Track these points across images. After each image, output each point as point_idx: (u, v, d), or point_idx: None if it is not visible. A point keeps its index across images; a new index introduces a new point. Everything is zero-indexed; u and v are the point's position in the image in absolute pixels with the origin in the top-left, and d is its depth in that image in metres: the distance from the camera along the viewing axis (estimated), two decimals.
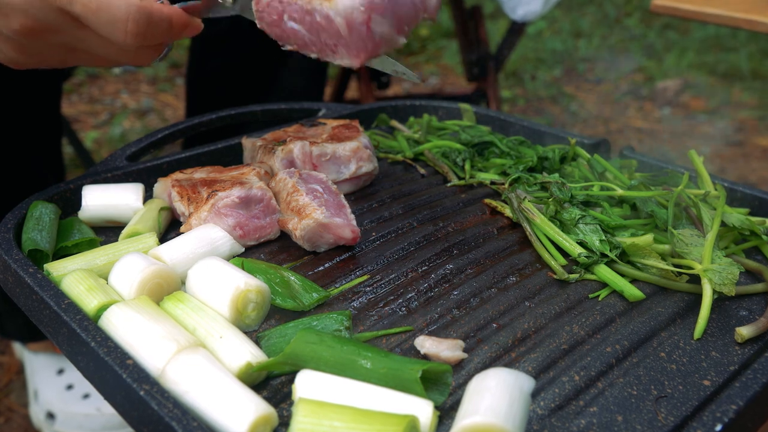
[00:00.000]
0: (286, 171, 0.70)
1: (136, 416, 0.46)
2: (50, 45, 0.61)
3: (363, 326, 0.56)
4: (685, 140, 2.25)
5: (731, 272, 0.58)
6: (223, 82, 1.26)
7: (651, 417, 0.47)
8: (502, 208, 0.74)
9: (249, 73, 1.24)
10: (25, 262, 0.59)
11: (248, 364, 0.49)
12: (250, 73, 1.24)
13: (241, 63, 1.23)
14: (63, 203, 0.72)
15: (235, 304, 0.54)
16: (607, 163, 0.79)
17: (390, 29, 0.58)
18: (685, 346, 0.55)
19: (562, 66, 2.96)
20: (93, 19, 0.57)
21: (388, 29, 0.58)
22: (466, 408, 0.44)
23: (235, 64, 1.23)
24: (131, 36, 0.58)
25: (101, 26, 0.57)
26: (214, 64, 1.26)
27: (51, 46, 0.62)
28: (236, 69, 1.23)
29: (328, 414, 0.42)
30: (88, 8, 0.56)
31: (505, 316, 0.58)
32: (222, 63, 1.24)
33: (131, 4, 0.57)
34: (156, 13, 0.59)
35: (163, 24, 0.59)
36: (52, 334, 0.54)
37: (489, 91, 1.89)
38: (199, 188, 0.68)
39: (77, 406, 1.15)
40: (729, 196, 0.74)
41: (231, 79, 1.24)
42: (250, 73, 1.24)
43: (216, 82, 1.26)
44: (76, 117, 2.32)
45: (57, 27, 0.59)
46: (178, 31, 0.62)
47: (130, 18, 0.57)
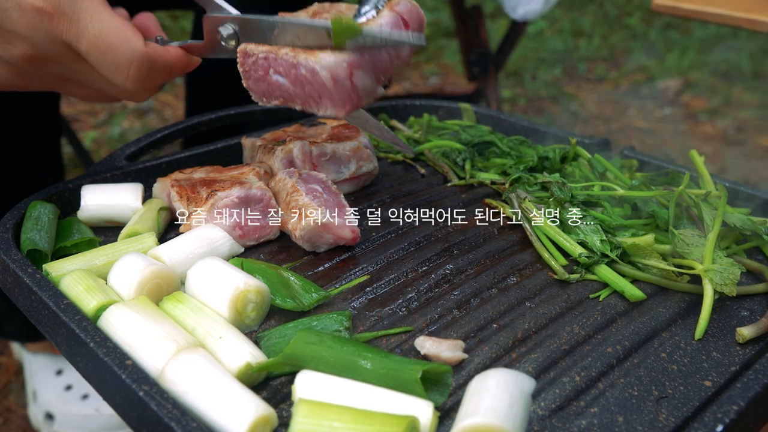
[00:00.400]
0: (285, 171, 0.70)
1: (135, 417, 0.46)
2: (47, 74, 0.62)
3: (363, 326, 0.56)
4: (686, 140, 2.25)
5: (732, 272, 0.58)
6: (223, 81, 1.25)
7: (652, 418, 0.47)
8: (503, 208, 0.74)
9: None
10: (24, 262, 0.59)
11: (248, 365, 0.49)
12: None
13: None
14: (62, 203, 0.72)
15: (234, 305, 0.54)
16: (608, 162, 0.79)
17: (371, 82, 0.63)
18: (686, 346, 0.55)
19: (562, 65, 2.96)
20: (98, 58, 0.58)
21: (370, 82, 0.63)
22: (466, 409, 0.44)
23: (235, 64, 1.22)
24: (132, 81, 0.59)
25: (104, 66, 0.58)
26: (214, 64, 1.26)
27: (47, 75, 0.62)
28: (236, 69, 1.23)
29: (328, 415, 0.42)
30: (96, 48, 0.57)
31: (505, 317, 0.58)
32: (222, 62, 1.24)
33: (136, 50, 0.58)
34: (159, 59, 0.60)
35: (164, 69, 0.60)
36: (51, 335, 0.54)
37: (489, 90, 1.89)
38: (199, 188, 0.68)
39: (76, 406, 1.15)
40: (730, 196, 0.74)
41: (231, 79, 1.24)
42: None
43: (216, 82, 1.26)
44: (76, 117, 2.32)
45: (58, 59, 0.60)
46: (178, 73, 0.64)
47: (134, 63, 0.58)
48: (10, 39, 0.58)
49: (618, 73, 2.86)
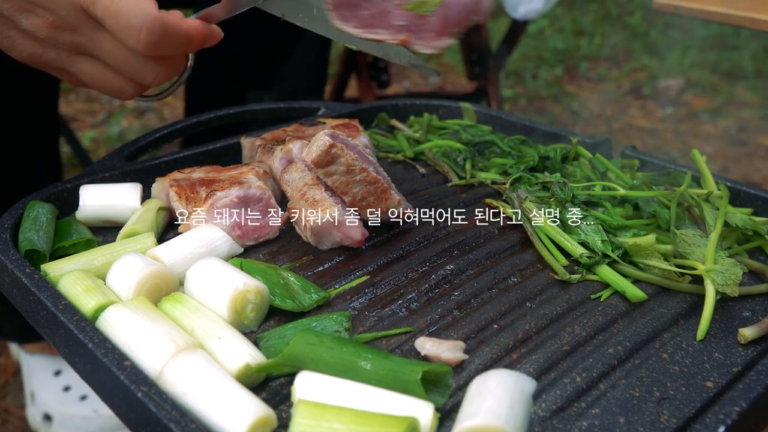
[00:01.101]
0: (305, 162, 0.69)
1: (134, 418, 0.46)
2: (64, 43, 0.63)
3: (363, 327, 0.56)
4: (687, 139, 2.25)
5: (734, 273, 0.58)
6: (222, 81, 1.25)
7: (653, 419, 0.47)
8: (504, 208, 0.74)
9: (248, 72, 1.24)
10: (22, 263, 0.58)
11: (247, 366, 0.48)
12: (249, 73, 1.24)
13: (240, 62, 1.23)
14: (60, 203, 0.72)
15: (233, 305, 0.54)
16: (609, 162, 0.78)
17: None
18: (688, 347, 0.55)
19: (563, 65, 2.95)
20: (111, 22, 0.59)
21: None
22: (466, 410, 0.44)
23: (234, 64, 1.22)
24: (143, 44, 0.60)
25: (118, 30, 0.60)
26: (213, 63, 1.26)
27: (63, 45, 0.63)
28: (235, 68, 1.23)
29: (328, 416, 0.42)
30: (109, 11, 0.59)
31: (506, 317, 0.58)
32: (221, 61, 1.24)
33: (148, 13, 0.59)
34: (173, 26, 0.60)
35: (179, 38, 0.61)
36: (49, 335, 0.54)
37: (490, 89, 1.89)
38: (198, 188, 0.68)
39: (74, 407, 1.14)
40: (732, 196, 0.74)
41: (230, 79, 1.24)
42: (249, 73, 1.24)
43: (215, 81, 1.26)
44: (74, 116, 2.31)
45: (76, 26, 0.62)
46: (198, 45, 0.64)
47: (145, 27, 0.59)
48: (33, 8, 0.61)
49: (619, 72, 2.86)
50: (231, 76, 1.24)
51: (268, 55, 1.21)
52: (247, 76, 1.24)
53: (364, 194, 0.66)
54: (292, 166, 0.68)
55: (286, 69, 1.23)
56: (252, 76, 1.24)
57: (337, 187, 0.65)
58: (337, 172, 0.65)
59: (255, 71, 1.24)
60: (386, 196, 0.67)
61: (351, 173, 0.65)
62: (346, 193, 0.66)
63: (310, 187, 0.65)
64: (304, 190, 0.65)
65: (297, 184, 0.66)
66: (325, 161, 0.64)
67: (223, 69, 1.24)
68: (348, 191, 0.66)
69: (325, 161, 0.65)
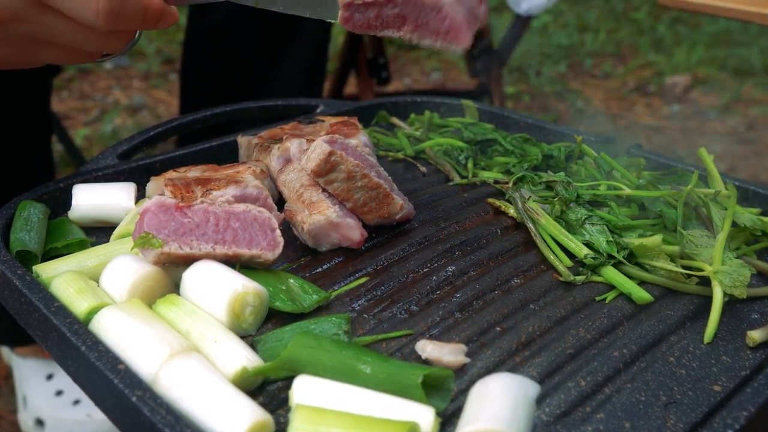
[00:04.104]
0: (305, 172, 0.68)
1: (127, 423, 0.46)
2: (14, 36, 0.60)
3: (362, 330, 0.56)
4: (694, 138, 2.24)
5: (742, 274, 0.58)
6: (218, 77, 1.25)
7: (659, 424, 0.47)
8: (506, 208, 0.73)
9: (245, 68, 1.23)
10: (13, 264, 0.58)
11: (244, 369, 0.48)
12: (245, 69, 1.23)
13: (237, 58, 1.22)
14: (52, 203, 0.71)
15: (232, 308, 0.53)
16: (614, 161, 0.78)
17: None
18: (695, 350, 0.55)
19: (567, 61, 2.94)
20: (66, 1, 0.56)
21: None
22: (468, 414, 0.44)
23: (230, 59, 1.22)
24: (103, 14, 0.56)
25: (72, 6, 0.56)
26: (208, 59, 1.25)
27: (14, 38, 0.61)
28: (232, 64, 1.22)
29: (327, 421, 0.42)
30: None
31: (508, 320, 0.57)
32: (217, 58, 1.23)
33: None
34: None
35: (136, 6, 0.58)
36: (41, 338, 0.54)
37: (492, 87, 1.88)
38: (194, 187, 0.67)
39: (67, 412, 1.14)
40: (740, 196, 0.73)
41: (226, 75, 1.23)
42: (245, 69, 1.23)
43: (211, 78, 1.25)
44: (66, 114, 2.30)
45: (22, 14, 0.58)
46: (153, 19, 0.61)
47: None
48: None
49: (625, 69, 2.85)
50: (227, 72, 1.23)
51: (266, 52, 1.20)
52: (244, 73, 1.23)
53: (366, 200, 0.65)
54: (289, 166, 0.68)
55: (284, 65, 1.22)
56: (249, 72, 1.23)
57: (339, 194, 0.65)
58: (337, 180, 0.64)
59: (252, 68, 1.23)
60: (388, 201, 0.66)
61: (352, 179, 0.64)
62: (348, 200, 0.65)
63: (307, 188, 0.65)
64: (300, 192, 0.65)
65: (294, 185, 0.66)
66: (325, 169, 0.64)
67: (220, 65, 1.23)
68: (349, 197, 0.65)
69: (325, 170, 0.64)
